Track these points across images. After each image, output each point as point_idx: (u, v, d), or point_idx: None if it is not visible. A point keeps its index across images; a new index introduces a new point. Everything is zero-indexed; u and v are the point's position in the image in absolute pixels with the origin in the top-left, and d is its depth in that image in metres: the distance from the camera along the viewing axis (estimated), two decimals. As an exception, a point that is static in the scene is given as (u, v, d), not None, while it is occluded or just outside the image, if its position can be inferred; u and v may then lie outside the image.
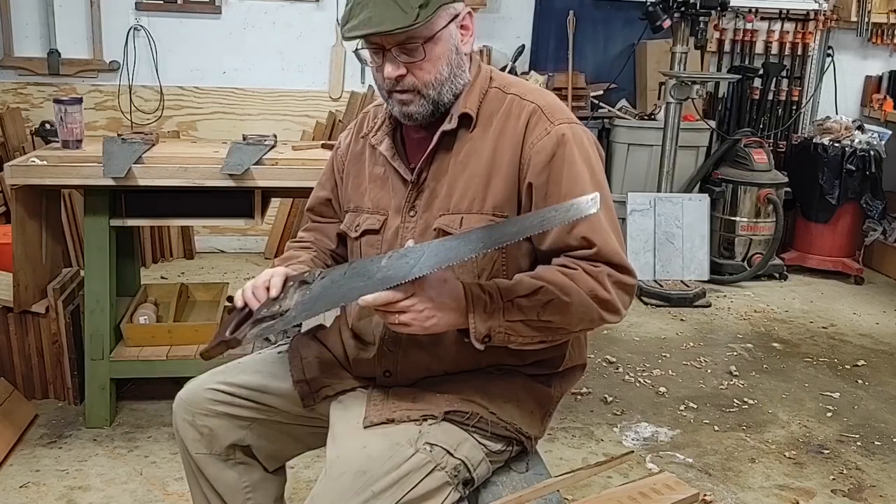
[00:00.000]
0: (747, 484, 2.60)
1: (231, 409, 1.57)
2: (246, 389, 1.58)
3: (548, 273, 1.39)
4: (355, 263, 1.42)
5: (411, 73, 1.44)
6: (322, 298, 1.36)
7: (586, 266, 1.39)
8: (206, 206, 2.64)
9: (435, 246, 1.30)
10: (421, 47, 1.42)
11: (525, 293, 1.36)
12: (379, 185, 1.58)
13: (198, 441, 1.58)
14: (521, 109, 1.48)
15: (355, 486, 1.33)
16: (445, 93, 1.47)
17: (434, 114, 1.48)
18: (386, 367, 1.53)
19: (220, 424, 1.57)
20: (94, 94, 4.38)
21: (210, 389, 1.58)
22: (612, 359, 3.49)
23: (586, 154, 1.46)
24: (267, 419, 1.59)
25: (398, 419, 1.44)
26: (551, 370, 1.57)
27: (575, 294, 1.36)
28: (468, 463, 1.43)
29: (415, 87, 1.44)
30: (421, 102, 1.46)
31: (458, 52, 1.48)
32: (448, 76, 1.46)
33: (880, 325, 4.10)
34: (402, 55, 1.42)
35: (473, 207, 1.46)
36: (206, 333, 2.81)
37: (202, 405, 1.57)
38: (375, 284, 1.29)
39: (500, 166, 1.46)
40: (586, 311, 1.37)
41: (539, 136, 1.45)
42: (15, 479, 2.42)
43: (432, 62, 1.44)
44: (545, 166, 1.43)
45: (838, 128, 4.74)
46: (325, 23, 4.55)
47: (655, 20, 4.15)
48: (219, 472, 1.59)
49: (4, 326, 2.78)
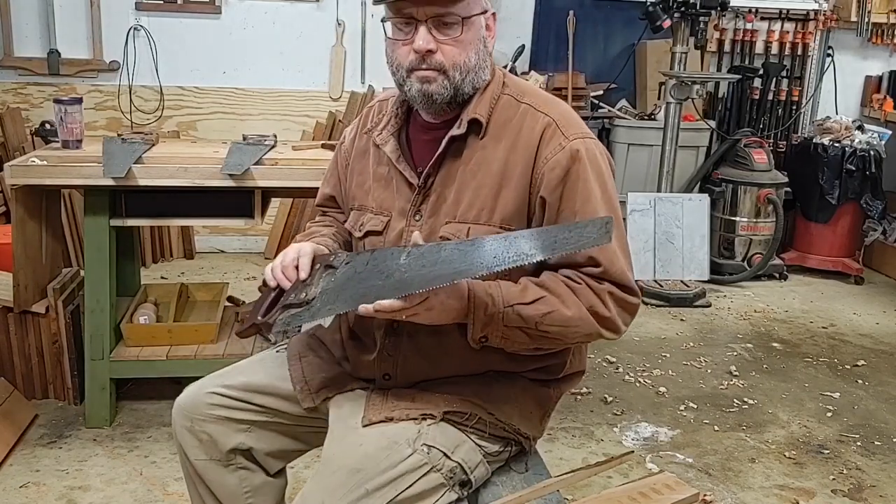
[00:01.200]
0: (747, 484, 2.60)
1: (230, 412, 1.56)
2: (245, 392, 1.57)
3: (552, 283, 1.39)
4: (377, 254, 1.41)
5: (441, 50, 1.41)
6: (343, 293, 1.37)
7: (591, 282, 1.39)
8: (206, 206, 2.64)
9: (451, 250, 1.30)
10: (461, 25, 1.40)
11: (527, 301, 1.36)
12: (383, 184, 1.56)
13: (197, 447, 1.57)
14: (535, 122, 1.46)
15: (349, 483, 1.32)
16: (468, 82, 1.45)
17: (452, 101, 1.46)
18: (385, 370, 1.52)
19: (219, 430, 1.56)
20: (94, 94, 4.38)
21: (208, 394, 1.57)
22: (612, 359, 3.49)
23: (599, 170, 1.45)
24: (267, 421, 1.59)
25: (397, 417, 1.44)
26: (552, 376, 1.57)
27: (575, 308, 1.37)
28: (465, 465, 1.43)
29: (441, 65, 1.42)
30: (444, 83, 1.43)
31: (484, 46, 1.47)
32: (474, 66, 1.45)
33: (880, 325, 4.10)
34: (436, 30, 1.40)
35: (481, 218, 1.45)
36: (206, 333, 2.82)
37: (200, 411, 1.56)
38: (391, 288, 1.29)
39: (512, 179, 1.44)
40: (584, 326, 1.38)
41: (553, 152, 1.43)
42: (15, 479, 2.42)
43: (463, 44, 1.42)
44: (559, 182, 1.42)
45: (838, 128, 4.74)
46: (325, 23, 4.55)
47: (655, 20, 4.15)
48: (219, 478, 1.58)
49: (4, 326, 2.78)
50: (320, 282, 1.43)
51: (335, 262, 1.46)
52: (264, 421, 1.58)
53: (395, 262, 1.33)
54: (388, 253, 1.38)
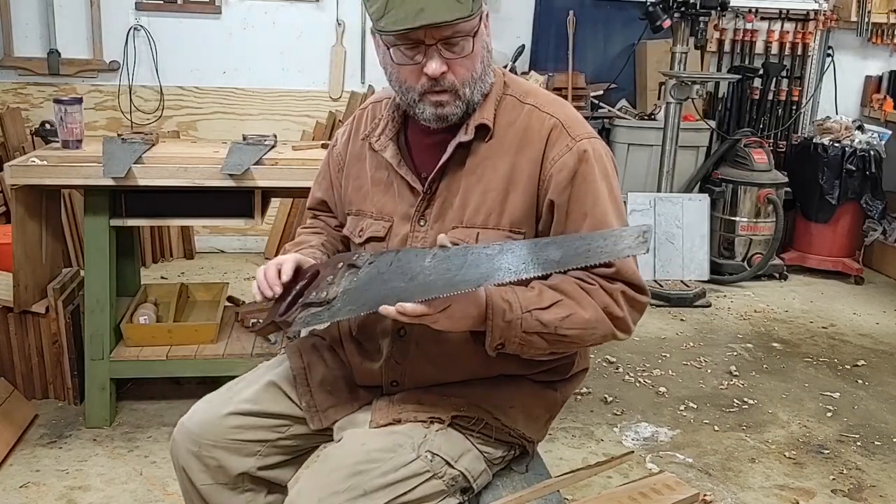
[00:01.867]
0: (747, 484, 2.60)
1: (245, 433, 1.51)
2: (253, 417, 1.52)
3: (566, 285, 1.37)
4: (401, 255, 1.37)
5: (452, 70, 1.37)
6: (365, 294, 1.33)
7: (603, 283, 1.38)
8: (206, 206, 2.64)
9: (478, 254, 1.26)
10: (469, 41, 1.36)
11: (545, 305, 1.33)
12: (382, 189, 1.53)
13: (203, 472, 1.51)
14: (540, 123, 1.44)
15: (348, 482, 1.31)
16: (476, 92, 1.42)
17: (464, 116, 1.43)
18: (393, 377, 1.50)
19: (228, 456, 1.50)
20: (93, 94, 4.38)
21: (218, 418, 1.51)
22: (612, 359, 3.49)
23: (605, 170, 1.44)
24: (276, 440, 1.54)
25: (404, 419, 1.43)
26: (560, 377, 1.56)
27: (592, 310, 1.35)
28: (468, 474, 1.42)
29: (453, 86, 1.38)
30: (457, 103, 1.40)
31: (488, 51, 1.43)
32: (481, 74, 1.41)
33: (880, 325, 4.10)
34: (446, 50, 1.36)
35: (490, 222, 1.42)
36: (206, 333, 2.82)
37: (209, 437, 1.50)
38: (414, 291, 1.25)
39: (519, 181, 1.42)
40: (601, 328, 1.36)
41: (560, 153, 1.41)
42: (15, 479, 2.42)
43: (472, 59, 1.38)
44: (567, 184, 1.40)
45: (838, 128, 4.74)
46: (325, 23, 4.55)
47: (655, 20, 4.15)
48: (225, 500, 1.53)
49: (4, 326, 2.78)
50: (342, 281, 1.39)
51: (358, 262, 1.42)
52: (275, 439, 1.54)
53: (420, 264, 1.30)
54: (413, 254, 1.34)
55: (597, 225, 1.39)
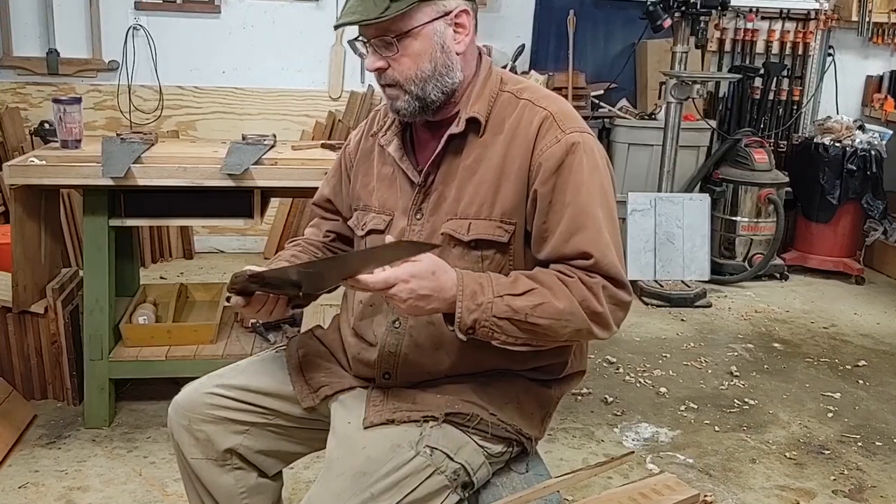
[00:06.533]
0: (748, 484, 2.59)
1: (228, 413, 1.56)
2: (244, 392, 1.57)
3: (543, 276, 1.39)
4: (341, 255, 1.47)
5: (392, 65, 1.43)
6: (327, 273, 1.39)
7: (583, 276, 1.38)
8: (206, 206, 2.63)
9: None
10: (395, 42, 1.41)
11: (518, 292, 1.35)
12: (387, 184, 1.56)
13: (193, 446, 1.57)
14: (533, 115, 1.46)
15: (354, 486, 1.32)
16: (431, 90, 1.44)
17: (424, 110, 1.46)
18: (385, 369, 1.52)
19: (216, 430, 1.56)
20: (93, 94, 4.37)
21: (207, 394, 1.57)
22: (613, 359, 3.49)
23: (594, 164, 1.44)
24: (266, 423, 1.58)
25: (398, 420, 1.44)
26: (552, 376, 1.56)
27: (567, 301, 1.35)
28: (468, 467, 1.43)
29: (396, 81, 1.44)
30: (406, 98, 1.45)
31: (444, 51, 1.44)
32: (432, 74, 1.43)
33: (881, 326, 4.10)
34: (382, 48, 1.42)
35: (482, 213, 1.45)
36: (205, 333, 2.81)
37: (199, 410, 1.56)
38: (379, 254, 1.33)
39: (510, 172, 1.44)
40: (575, 320, 1.36)
41: (549, 144, 1.42)
42: (14, 480, 2.42)
43: (411, 58, 1.42)
44: (552, 174, 1.41)
45: (839, 127, 4.73)
46: (325, 23, 4.54)
47: (656, 20, 4.14)
48: (215, 477, 1.58)
49: (3, 326, 2.78)
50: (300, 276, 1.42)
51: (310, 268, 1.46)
52: (263, 423, 1.58)
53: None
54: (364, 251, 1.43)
55: (578, 216, 1.39)
